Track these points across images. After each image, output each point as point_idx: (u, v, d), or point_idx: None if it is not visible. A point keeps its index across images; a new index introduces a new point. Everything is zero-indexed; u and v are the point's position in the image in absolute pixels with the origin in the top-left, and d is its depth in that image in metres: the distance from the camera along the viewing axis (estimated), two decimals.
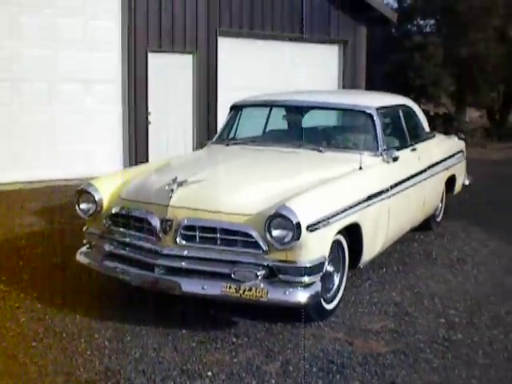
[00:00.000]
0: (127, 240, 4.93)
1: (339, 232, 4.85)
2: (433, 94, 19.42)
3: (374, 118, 5.96)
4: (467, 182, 8.50)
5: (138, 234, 4.86)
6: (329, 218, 4.63)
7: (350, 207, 4.94)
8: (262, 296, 4.41)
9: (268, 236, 4.39)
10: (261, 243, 4.45)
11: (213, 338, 4.65)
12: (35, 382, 3.98)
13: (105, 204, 5.10)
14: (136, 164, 11.00)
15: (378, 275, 6.07)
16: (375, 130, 5.92)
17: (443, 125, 19.69)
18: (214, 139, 6.52)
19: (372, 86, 15.89)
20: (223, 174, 5.06)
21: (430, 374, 4.13)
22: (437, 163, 7.11)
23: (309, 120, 6.25)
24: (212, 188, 4.79)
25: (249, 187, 4.81)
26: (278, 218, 4.38)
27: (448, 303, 5.39)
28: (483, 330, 4.84)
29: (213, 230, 4.57)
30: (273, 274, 4.49)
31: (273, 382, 4.05)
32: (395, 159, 5.81)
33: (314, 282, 4.54)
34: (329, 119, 6.24)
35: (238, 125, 6.53)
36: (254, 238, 4.46)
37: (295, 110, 6.34)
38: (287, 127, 6.37)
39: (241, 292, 4.43)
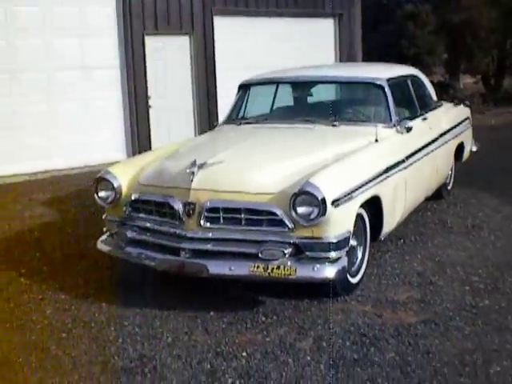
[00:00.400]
0: (149, 225, 4.91)
1: (361, 206, 4.83)
2: (428, 63, 19.32)
3: (385, 89, 5.93)
4: (474, 149, 8.49)
5: (160, 218, 4.84)
6: (352, 192, 4.63)
7: (371, 180, 4.93)
8: (290, 274, 4.41)
9: (293, 213, 4.38)
10: (286, 221, 4.44)
11: (242, 318, 4.65)
12: (71, 374, 3.97)
13: (124, 191, 5.07)
14: (139, 149, 10.98)
15: (396, 246, 6.07)
16: (387, 101, 5.89)
17: (439, 93, 19.63)
18: (224, 119, 6.48)
19: (368, 57, 15.81)
20: (242, 154, 5.03)
21: (463, 341, 4.15)
22: (447, 131, 7.09)
23: (319, 95, 6.22)
24: (233, 168, 4.76)
25: (270, 166, 4.79)
26: (302, 195, 4.36)
27: (470, 270, 5.40)
28: (509, 295, 4.86)
29: (237, 210, 4.55)
30: (299, 251, 4.49)
31: (308, 358, 4.06)
32: (409, 130, 5.78)
33: (341, 257, 4.54)
34: (339, 93, 6.21)
35: (247, 104, 6.49)
36: (278, 216, 4.45)
37: (304, 86, 6.31)
38: (297, 103, 6.32)
39: (269, 271, 4.43)
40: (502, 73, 20.57)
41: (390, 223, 5.41)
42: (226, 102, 10.63)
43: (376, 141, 5.43)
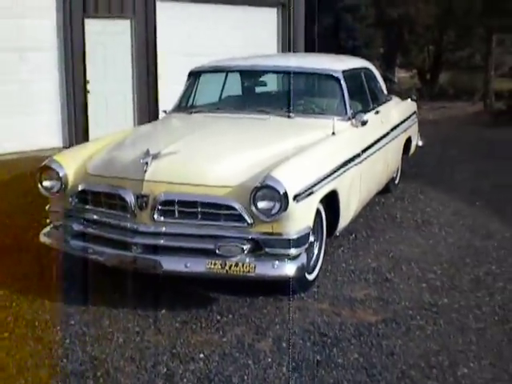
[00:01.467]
0: (98, 218, 4.63)
1: (320, 201, 4.70)
2: (365, 56, 19.43)
3: (341, 81, 5.82)
4: (420, 143, 8.52)
5: (109, 211, 4.56)
6: (312, 187, 4.49)
7: (330, 174, 4.80)
8: (249, 271, 4.23)
9: (254, 208, 4.20)
10: (245, 216, 4.25)
11: (195, 316, 4.45)
12: (16, 379, 3.67)
13: (70, 180, 4.76)
14: (76, 135, 10.56)
15: (348, 242, 5.98)
16: (342, 94, 5.78)
17: None
18: (173, 107, 6.21)
19: (308, 49, 15.72)
20: (197, 145, 4.79)
21: (427, 341, 4.08)
22: (397, 125, 7.06)
23: (272, 85, 6.03)
24: (189, 160, 4.53)
25: (227, 157, 4.58)
26: (264, 189, 4.19)
27: (425, 267, 5.36)
28: (467, 293, 4.83)
29: (193, 204, 4.33)
30: (258, 248, 4.31)
31: (269, 360, 3.90)
32: (363, 123, 5.68)
33: (300, 254, 4.38)
34: (292, 84, 6.00)
35: (196, 92, 6.25)
36: (237, 210, 4.26)
37: (257, 75, 6.11)
38: (249, 93, 6.11)
39: (227, 268, 4.23)
40: (438, 68, 20.96)
41: (345, 218, 5.31)
42: (169, 88, 10.37)
43: (333, 134, 5.30)
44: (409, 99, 8.29)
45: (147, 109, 11.37)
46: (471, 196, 7.55)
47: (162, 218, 4.35)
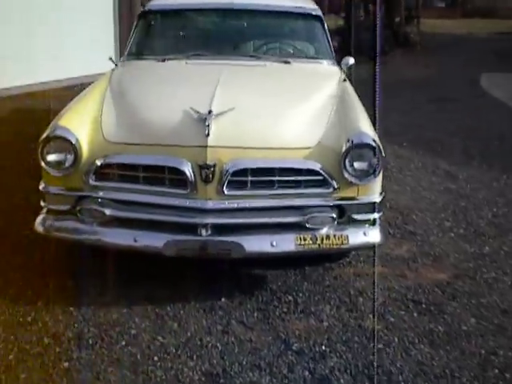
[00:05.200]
0: (138, 198, 3.68)
1: None
2: None
3: (324, 22, 5.32)
4: None
5: (154, 188, 3.65)
6: None
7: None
8: (342, 242, 3.71)
9: (348, 170, 3.64)
10: (330, 180, 3.67)
11: (266, 302, 3.86)
12: None
13: (84, 152, 3.71)
14: None
15: None
16: (326, 35, 5.30)
17: None
18: (128, 53, 5.19)
19: None
20: (245, 100, 3.97)
21: None
22: None
23: (248, 27, 5.29)
24: (255, 119, 3.79)
25: (291, 114, 3.92)
26: (359, 148, 3.64)
27: (433, 216, 5.24)
28: (497, 238, 4.80)
29: (270, 171, 3.63)
30: (340, 215, 3.78)
31: (389, 337, 3.48)
32: (350, 68, 5.27)
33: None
34: (271, 25, 5.35)
35: (153, 35, 5.34)
36: (322, 174, 3.66)
37: (231, 15, 5.30)
38: (223, 36, 5.25)
39: (319, 242, 3.66)
40: None
41: None
42: None
43: (344, 80, 4.83)
44: None
45: None
46: None
47: (234, 191, 3.59)
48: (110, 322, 3.58)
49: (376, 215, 3.84)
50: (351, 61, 5.19)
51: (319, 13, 5.32)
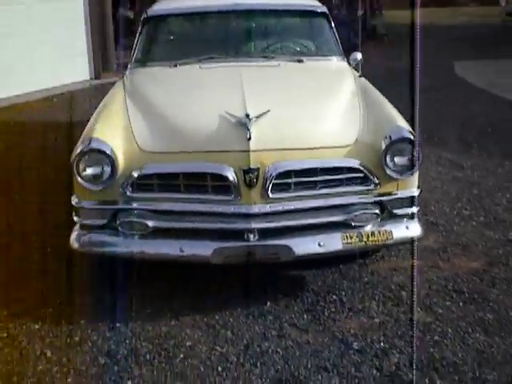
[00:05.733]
0: (180, 207, 3.61)
1: None
2: None
3: (329, 18, 5.32)
4: None
5: (196, 196, 3.59)
6: None
7: None
8: (387, 238, 3.72)
9: (389, 165, 3.65)
10: (371, 177, 3.68)
11: (312, 303, 3.85)
12: None
13: (120, 163, 3.63)
14: None
15: None
16: (333, 31, 5.30)
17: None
18: (136, 59, 5.09)
19: None
20: (277, 101, 3.94)
21: None
22: None
23: (255, 27, 5.25)
24: (293, 120, 3.77)
25: (324, 112, 3.91)
26: (398, 143, 3.65)
27: (449, 205, 5.29)
28: None
29: (312, 171, 3.61)
30: (381, 211, 3.79)
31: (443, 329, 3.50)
32: (357, 64, 5.27)
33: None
34: (277, 24, 5.31)
35: (159, 40, 5.26)
36: (363, 172, 3.66)
37: (237, 17, 5.24)
38: (231, 37, 5.19)
39: (365, 239, 3.67)
40: None
41: None
42: None
43: (360, 76, 4.83)
44: None
45: None
46: None
47: (278, 194, 3.56)
48: (161, 335, 3.51)
49: (415, 209, 3.85)
50: (359, 56, 5.19)
51: (324, 9, 5.31)
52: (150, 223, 3.59)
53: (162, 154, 3.64)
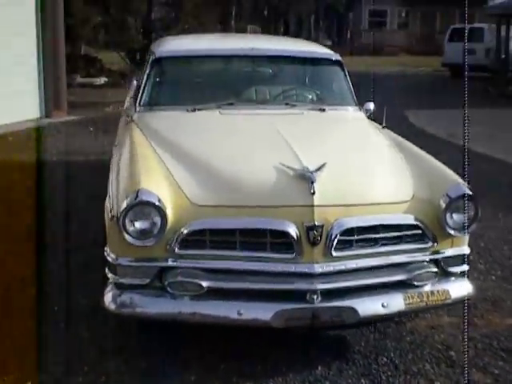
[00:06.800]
0: (235, 266, 3.35)
1: None
2: (82, 34, 18.07)
3: (344, 66, 5.25)
4: None
5: (253, 253, 3.35)
6: None
7: None
8: (446, 298, 3.60)
9: (448, 223, 3.54)
10: (428, 234, 3.55)
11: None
12: None
13: (170, 217, 3.34)
14: None
15: None
16: (347, 80, 5.22)
17: (85, 67, 18.67)
18: (144, 103, 4.79)
19: None
20: (328, 154, 3.77)
21: None
22: None
23: (273, 74, 5.11)
24: (348, 174, 3.61)
25: (373, 167, 3.79)
26: (459, 199, 3.55)
27: None
28: None
29: (371, 228, 3.45)
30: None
31: None
32: (371, 114, 5.21)
33: None
34: (295, 72, 5.18)
35: (171, 83, 5.00)
36: (421, 229, 3.54)
37: (253, 62, 5.08)
38: (246, 83, 5.00)
39: (425, 300, 3.53)
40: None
41: None
42: None
43: (384, 127, 4.76)
44: None
45: None
46: None
47: (340, 252, 3.37)
48: None
49: (466, 267, 3.75)
50: (372, 106, 5.14)
51: (339, 58, 5.22)
52: (205, 283, 3.30)
53: (215, 207, 3.38)
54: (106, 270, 3.49)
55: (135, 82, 5.63)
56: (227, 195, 3.42)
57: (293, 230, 3.28)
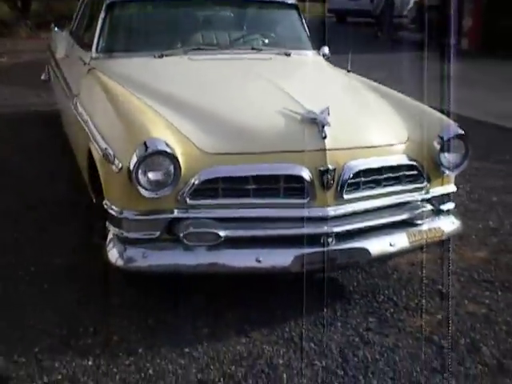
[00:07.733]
0: (251, 214, 3.30)
1: None
2: None
3: (299, 10, 5.22)
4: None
5: (267, 200, 3.30)
6: None
7: None
8: (442, 234, 3.76)
9: (443, 163, 3.67)
10: (424, 174, 3.68)
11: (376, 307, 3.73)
12: None
13: (183, 167, 3.22)
14: None
15: None
16: (303, 24, 5.20)
17: None
18: (102, 49, 4.52)
19: None
20: (325, 98, 3.73)
21: None
22: None
23: (233, 18, 4.95)
24: (349, 117, 3.62)
25: (368, 111, 3.83)
26: (453, 140, 3.68)
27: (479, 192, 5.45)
28: None
29: (376, 170, 3.51)
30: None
31: None
32: (328, 58, 5.25)
33: None
34: (256, 16, 5.03)
35: (130, 28, 4.76)
36: (418, 169, 3.65)
37: (211, 6, 4.90)
38: (207, 26, 4.81)
39: (425, 236, 3.66)
40: None
41: None
42: None
43: (348, 71, 4.80)
44: None
45: None
46: None
47: (350, 195, 3.41)
48: (243, 356, 3.17)
49: (453, 204, 3.91)
50: (327, 50, 5.18)
51: (294, 1, 5.16)
52: (222, 233, 3.22)
53: (227, 155, 3.28)
54: (107, 223, 3.32)
55: (75, 27, 5.30)
56: (237, 142, 3.33)
57: (307, 175, 3.26)
